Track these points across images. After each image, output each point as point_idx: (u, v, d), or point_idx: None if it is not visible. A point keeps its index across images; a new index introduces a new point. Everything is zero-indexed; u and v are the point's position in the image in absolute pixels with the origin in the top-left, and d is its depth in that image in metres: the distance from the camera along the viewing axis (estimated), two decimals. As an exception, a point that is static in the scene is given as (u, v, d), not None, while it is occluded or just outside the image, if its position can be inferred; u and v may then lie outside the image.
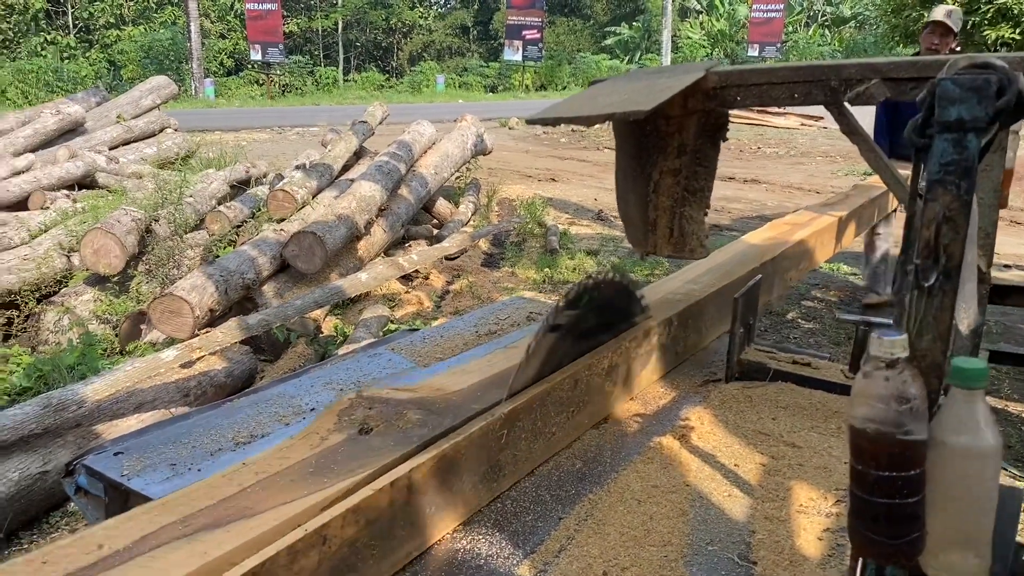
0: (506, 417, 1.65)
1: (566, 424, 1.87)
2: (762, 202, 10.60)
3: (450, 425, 1.61)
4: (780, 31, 32.98)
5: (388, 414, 1.66)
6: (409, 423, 1.62)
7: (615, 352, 2.04)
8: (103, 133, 9.40)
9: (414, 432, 1.58)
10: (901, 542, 0.99)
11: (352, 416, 1.66)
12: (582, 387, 1.92)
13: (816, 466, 1.81)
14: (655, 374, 2.33)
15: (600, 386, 2.01)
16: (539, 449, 1.78)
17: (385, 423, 1.63)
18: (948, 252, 0.98)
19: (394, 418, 1.64)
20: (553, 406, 1.81)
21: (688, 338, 2.55)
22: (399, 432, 1.59)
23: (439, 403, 1.72)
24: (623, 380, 2.13)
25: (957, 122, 0.97)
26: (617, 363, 2.07)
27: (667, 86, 1.98)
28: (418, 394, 1.76)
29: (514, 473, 1.70)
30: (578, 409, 1.92)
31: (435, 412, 1.67)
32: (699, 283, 2.80)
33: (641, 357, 2.22)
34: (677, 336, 2.41)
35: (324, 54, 40.18)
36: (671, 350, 2.39)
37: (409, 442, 1.54)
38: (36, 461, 3.38)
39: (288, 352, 4.83)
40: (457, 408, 1.69)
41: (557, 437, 1.85)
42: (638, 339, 2.18)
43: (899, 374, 0.97)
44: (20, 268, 5.48)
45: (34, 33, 32.36)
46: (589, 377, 1.95)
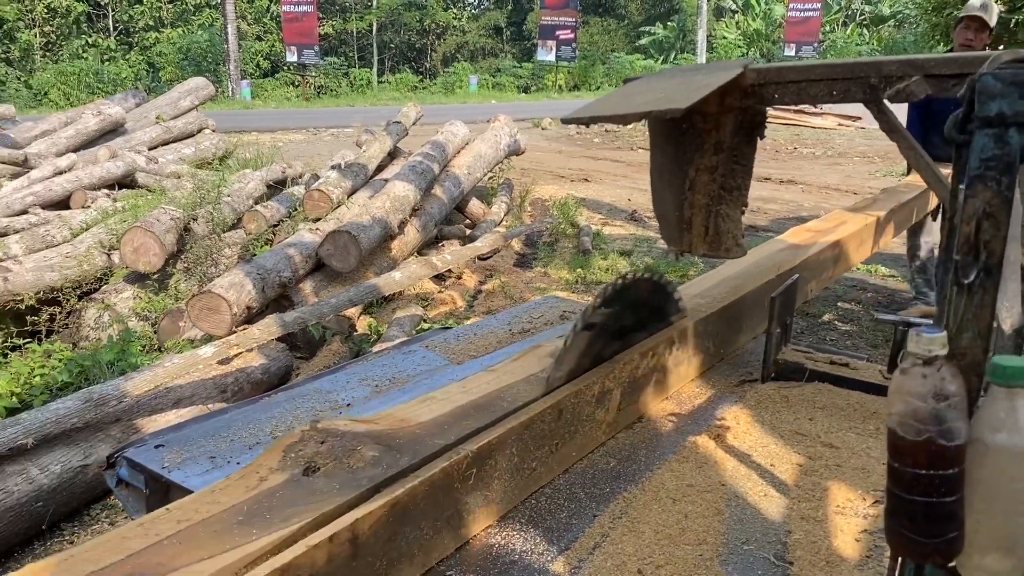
0: (475, 455, 1.48)
1: (549, 459, 1.71)
2: (798, 203, 10.49)
3: (407, 464, 1.43)
4: (817, 30, 32.57)
5: (340, 450, 1.46)
6: (361, 462, 1.43)
7: (607, 378, 1.87)
8: (143, 133, 9.56)
9: (365, 473, 1.39)
10: (938, 541, 0.98)
11: (300, 452, 1.46)
12: (568, 417, 1.75)
13: (854, 467, 1.79)
14: (662, 393, 2.17)
15: (590, 415, 1.84)
16: (516, 488, 1.61)
17: (334, 461, 1.43)
18: (989, 249, 0.97)
19: (345, 455, 1.44)
20: (533, 440, 1.65)
21: (695, 357, 2.39)
22: (348, 473, 1.39)
23: (400, 437, 1.52)
24: (618, 406, 1.94)
25: (998, 117, 0.96)
26: (610, 388, 1.89)
27: (704, 83, 1.97)
28: (377, 426, 1.57)
29: (486, 516, 1.54)
30: (563, 441, 1.75)
31: (393, 448, 1.47)
32: (707, 297, 2.64)
33: (643, 377, 2.05)
34: (679, 358, 2.24)
35: (359, 55, 40.46)
36: (673, 372, 2.22)
37: (358, 485, 1.35)
38: (77, 454, 3.45)
39: (323, 350, 4.88)
40: (419, 444, 1.50)
41: (538, 473, 1.68)
42: (644, 356, 2.03)
43: (937, 371, 0.96)
44: (62, 266, 5.58)
45: (76, 36, 32.98)
46: (576, 406, 1.78)
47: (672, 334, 2.17)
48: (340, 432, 1.51)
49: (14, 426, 3.28)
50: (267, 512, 1.27)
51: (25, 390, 4.24)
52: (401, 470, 1.41)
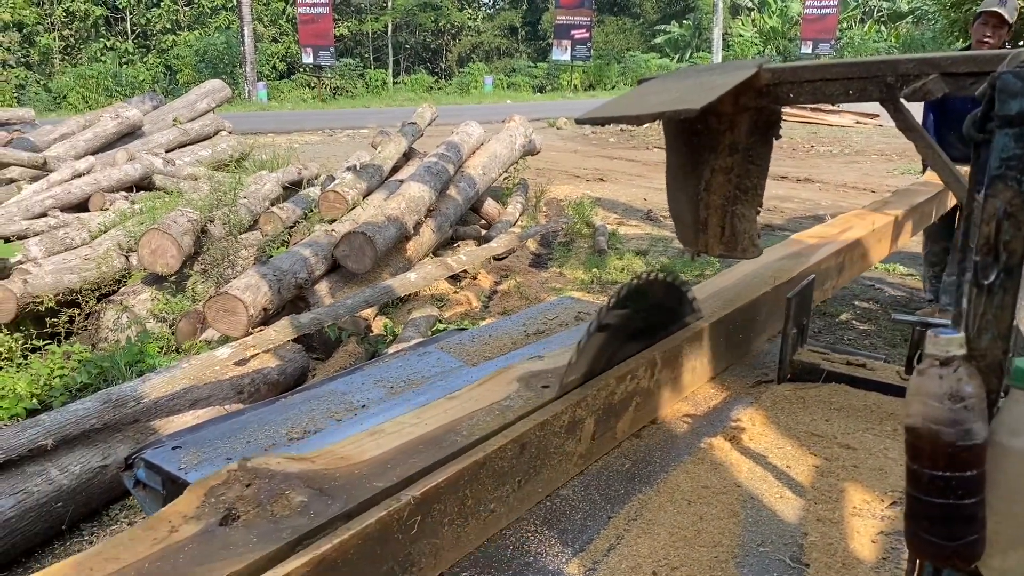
0: (420, 500, 1.31)
1: (510, 498, 1.55)
2: (816, 201, 10.43)
3: (339, 512, 1.26)
4: (834, 28, 32.36)
5: (265, 494, 1.30)
6: (287, 509, 1.26)
7: (578, 406, 1.71)
8: (160, 136, 9.63)
9: (289, 523, 1.23)
10: (958, 544, 0.97)
11: (222, 496, 1.29)
12: (532, 451, 1.59)
13: (871, 468, 1.78)
14: (641, 420, 1.99)
15: (559, 447, 1.67)
16: (471, 533, 1.46)
17: (257, 508, 1.27)
18: (1009, 249, 0.96)
19: (271, 500, 1.28)
20: (492, 478, 1.49)
21: (679, 379, 2.19)
22: (270, 522, 1.23)
23: (335, 479, 1.36)
24: (592, 436, 1.78)
25: (1019, 116, 0.94)
26: (582, 417, 1.73)
27: (718, 83, 1.96)
28: (313, 465, 1.41)
29: (434, 567, 1.38)
30: (527, 478, 1.59)
31: (325, 493, 1.31)
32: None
33: (620, 403, 1.87)
34: (662, 379, 2.05)
35: (374, 56, 40.56)
36: (656, 394, 2.04)
37: (278, 538, 1.19)
38: (96, 455, 3.48)
39: (339, 351, 4.90)
40: (355, 487, 1.34)
41: (498, 514, 1.52)
42: (621, 380, 1.86)
43: (954, 372, 0.95)
44: (81, 268, 5.63)
45: (94, 40, 33.28)
46: (542, 439, 1.62)
47: (668, 347, 2.05)
48: (270, 472, 1.36)
49: (34, 427, 3.32)
50: (171, 570, 1.11)
51: (45, 391, 4.28)
52: (330, 519, 1.24)
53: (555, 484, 1.69)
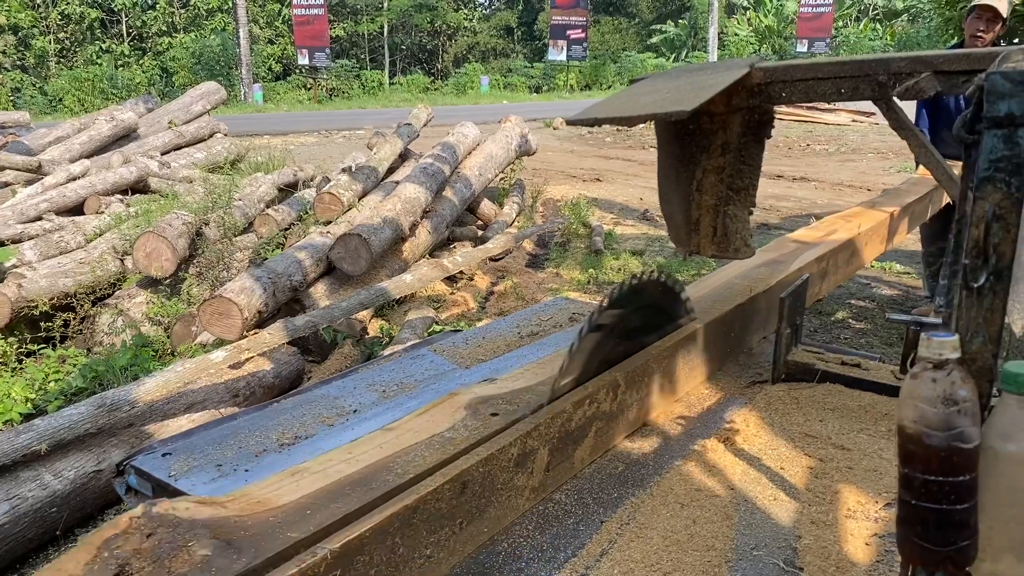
0: (339, 553, 1.17)
1: (450, 541, 1.42)
2: (811, 200, 10.43)
3: (246, 568, 1.13)
4: (830, 26, 32.39)
5: (166, 548, 1.16)
6: (187, 565, 1.13)
7: (529, 436, 1.57)
8: (155, 139, 9.61)
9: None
10: (950, 549, 0.97)
11: (117, 549, 1.14)
12: (476, 490, 1.45)
13: (866, 469, 1.77)
14: (603, 445, 1.85)
15: (507, 482, 1.53)
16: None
17: (154, 564, 1.13)
18: (998, 251, 0.95)
19: (170, 555, 1.15)
20: (426, 523, 1.35)
21: (646, 400, 2.03)
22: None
23: (246, 528, 1.23)
24: (545, 467, 1.64)
25: (1007, 117, 0.93)
26: (534, 448, 1.59)
27: (710, 84, 1.95)
28: (225, 511, 1.27)
29: None
30: (470, 519, 1.45)
31: (233, 546, 1.17)
32: None
33: (579, 429, 1.73)
34: (624, 401, 1.90)
35: (370, 58, 40.55)
36: (619, 418, 1.89)
37: None
38: (91, 460, 3.47)
39: (335, 353, 4.89)
40: (267, 537, 1.20)
41: (436, 560, 1.39)
42: (579, 405, 1.73)
43: (947, 375, 0.94)
44: (76, 271, 5.62)
45: (90, 42, 33.23)
46: (488, 475, 1.48)
47: (632, 367, 1.91)
48: (175, 520, 1.21)
49: (28, 432, 3.30)
50: None
51: (40, 396, 4.27)
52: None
53: (504, 522, 1.55)
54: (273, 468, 1.62)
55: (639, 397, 1.98)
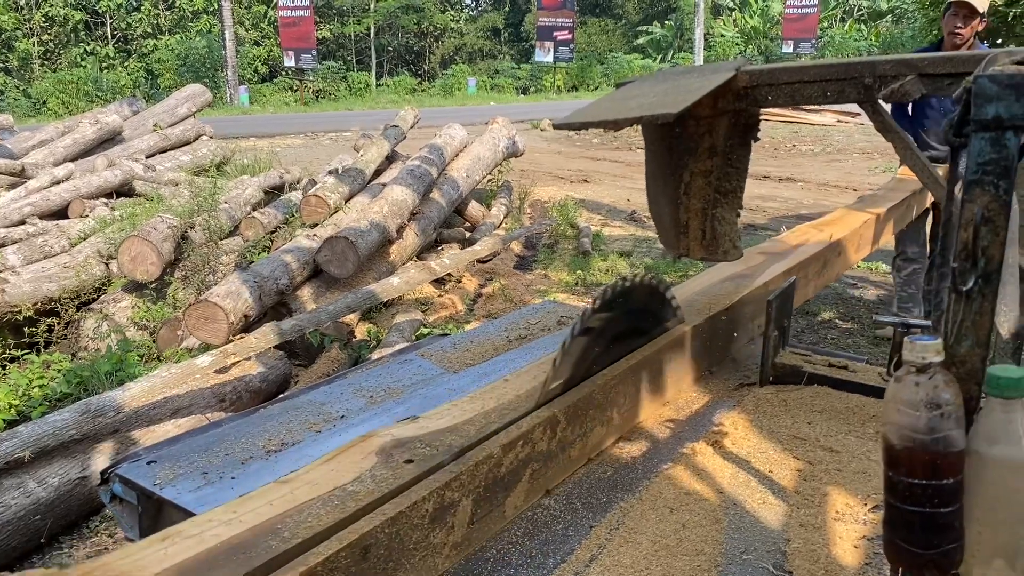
0: None
1: None
2: (798, 200, 10.48)
3: None
4: (815, 27, 32.57)
5: None
6: None
7: (447, 487, 1.38)
8: (140, 141, 9.55)
9: None
10: (936, 553, 0.96)
11: None
12: (381, 553, 1.26)
13: (854, 471, 1.77)
14: (540, 489, 1.65)
15: (422, 540, 1.34)
16: None
17: None
18: (987, 255, 0.95)
19: None
20: None
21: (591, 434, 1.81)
22: None
23: None
24: (469, 520, 1.45)
25: (995, 120, 0.93)
26: (454, 501, 1.40)
27: (696, 87, 1.95)
28: None
29: None
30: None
31: None
32: None
33: (511, 474, 1.55)
34: (566, 438, 1.71)
35: (357, 59, 40.47)
36: (559, 457, 1.70)
37: None
38: (75, 466, 3.44)
39: (322, 357, 4.87)
40: None
41: None
42: (510, 448, 1.54)
43: (930, 379, 0.94)
44: (60, 276, 5.57)
45: (74, 44, 33.03)
46: (396, 535, 1.28)
47: (573, 400, 1.72)
48: None
49: (12, 439, 3.27)
50: None
51: (24, 402, 4.23)
52: None
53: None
54: (259, 475, 1.61)
55: (583, 432, 1.77)
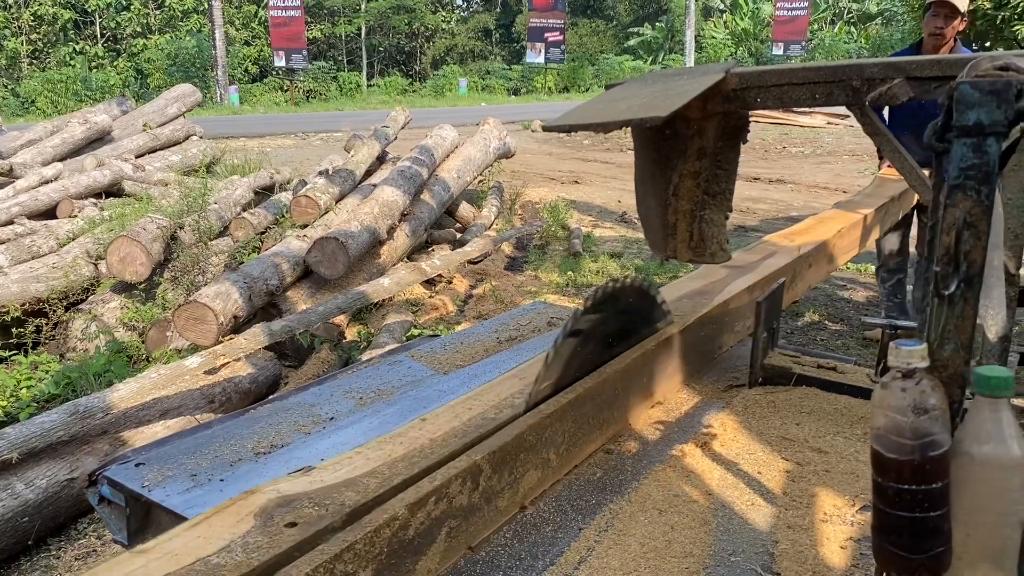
0: None
1: None
2: (788, 202, 10.52)
3: None
4: (805, 29, 32.71)
5: None
6: None
7: (338, 559, 1.14)
8: (129, 141, 9.52)
9: None
10: (925, 556, 0.97)
11: None
12: None
13: (843, 472, 1.78)
14: (459, 548, 1.43)
15: None
16: None
17: None
18: (969, 259, 0.96)
19: None
20: None
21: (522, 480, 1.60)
22: None
23: None
24: None
25: (976, 126, 0.94)
26: (348, 573, 1.17)
27: (686, 89, 1.96)
28: None
29: None
30: None
31: None
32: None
33: (419, 537, 1.32)
34: (491, 488, 1.49)
35: (347, 59, 40.42)
36: (484, 509, 1.48)
37: None
38: (64, 468, 3.42)
39: (312, 358, 4.86)
40: None
41: None
42: (418, 508, 1.30)
43: (916, 384, 0.95)
44: (49, 276, 5.55)
45: (63, 43, 32.87)
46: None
47: (499, 444, 1.51)
48: None
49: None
50: None
51: (12, 403, 4.21)
52: None
53: None
54: (248, 478, 1.61)
55: (513, 479, 1.55)
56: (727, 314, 2.60)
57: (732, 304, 2.61)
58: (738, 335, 2.71)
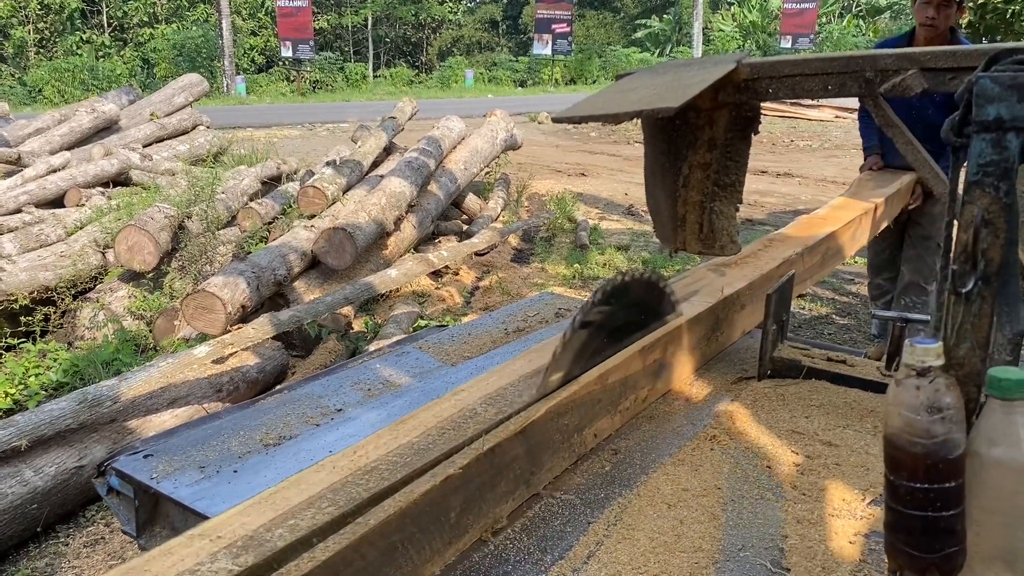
0: None
1: None
2: (795, 196, 10.48)
3: None
4: (813, 22, 32.52)
5: None
6: None
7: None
8: (137, 131, 9.52)
9: None
10: (937, 556, 0.96)
11: None
12: None
13: (853, 465, 1.77)
14: None
15: None
16: None
17: None
18: (987, 257, 0.94)
19: None
20: None
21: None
22: None
23: None
24: None
25: (996, 121, 0.93)
26: None
27: (697, 79, 1.94)
28: None
29: None
30: None
31: None
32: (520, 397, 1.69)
33: None
34: None
35: (354, 50, 40.33)
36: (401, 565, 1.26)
37: None
38: (72, 456, 3.44)
39: (319, 348, 4.87)
40: None
41: None
42: None
43: (931, 383, 0.94)
44: (56, 265, 5.56)
45: (70, 32, 32.84)
46: None
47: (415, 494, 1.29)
48: None
49: (8, 428, 3.27)
50: None
51: (20, 391, 4.22)
52: None
53: None
54: (257, 470, 1.61)
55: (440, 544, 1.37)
56: (735, 306, 2.58)
57: (740, 296, 2.60)
58: (746, 327, 2.70)
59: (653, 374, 2.03)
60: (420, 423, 1.54)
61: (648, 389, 2.02)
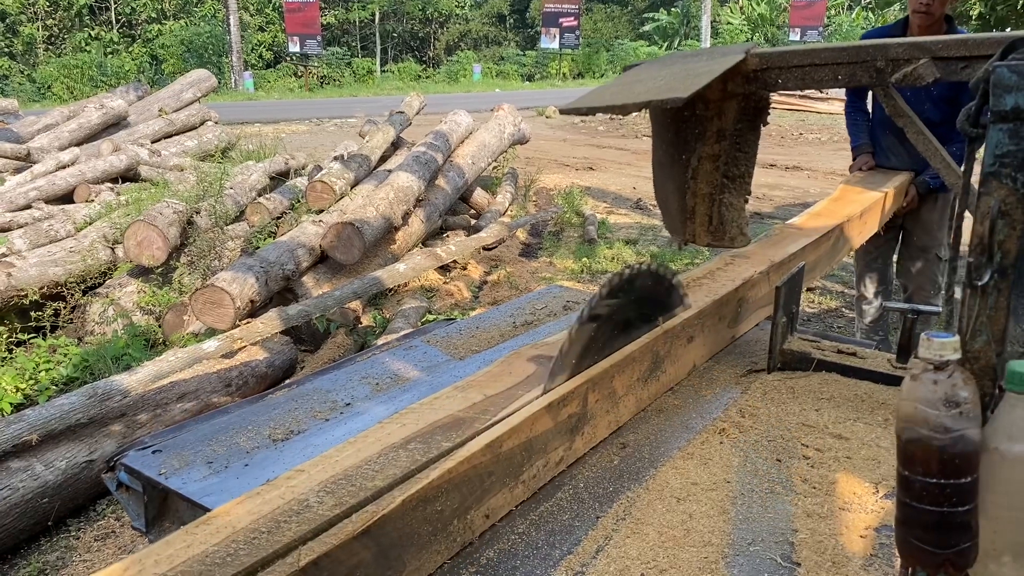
0: None
1: None
2: (804, 189, 10.43)
3: None
4: (822, 14, 32.33)
5: None
6: None
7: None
8: (145, 126, 9.54)
9: None
10: (951, 552, 0.95)
11: None
12: None
13: (863, 458, 1.76)
14: None
15: None
16: None
17: None
18: (1003, 249, 0.93)
19: None
20: None
21: None
22: None
23: None
24: None
25: (1013, 111, 0.91)
26: None
27: (706, 70, 1.93)
28: None
29: None
30: None
31: None
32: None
33: None
34: None
35: (361, 45, 40.31)
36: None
37: None
38: (83, 450, 3.45)
39: (328, 342, 4.87)
40: None
41: None
42: None
43: (948, 377, 0.92)
44: (66, 260, 5.57)
45: (78, 29, 32.93)
46: None
47: None
48: None
49: (19, 422, 3.28)
50: None
51: (31, 386, 4.24)
52: None
53: None
54: (265, 465, 1.61)
55: None
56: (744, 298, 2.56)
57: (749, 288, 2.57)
58: (755, 320, 2.68)
59: (569, 431, 1.68)
60: (223, 525, 1.15)
61: (565, 449, 1.68)
